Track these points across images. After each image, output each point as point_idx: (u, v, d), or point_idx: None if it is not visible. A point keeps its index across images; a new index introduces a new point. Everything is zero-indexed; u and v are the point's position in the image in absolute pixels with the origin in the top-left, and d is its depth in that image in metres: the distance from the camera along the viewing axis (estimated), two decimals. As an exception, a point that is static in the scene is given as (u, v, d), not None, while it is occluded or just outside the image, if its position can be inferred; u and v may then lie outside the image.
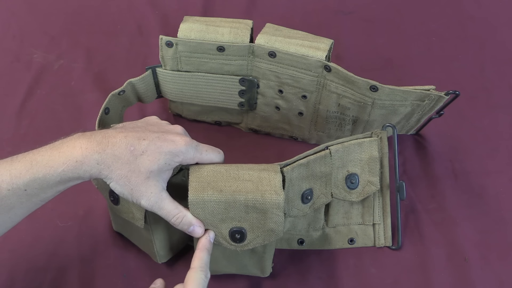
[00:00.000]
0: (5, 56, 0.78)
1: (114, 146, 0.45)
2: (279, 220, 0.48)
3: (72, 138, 0.46)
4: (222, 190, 0.48)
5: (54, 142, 0.46)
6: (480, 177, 0.67)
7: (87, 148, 0.44)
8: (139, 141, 0.46)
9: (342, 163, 0.55)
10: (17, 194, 0.44)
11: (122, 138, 0.45)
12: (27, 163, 0.44)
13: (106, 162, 0.44)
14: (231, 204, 0.48)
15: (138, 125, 0.50)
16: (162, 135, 0.47)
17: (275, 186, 0.48)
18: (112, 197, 0.52)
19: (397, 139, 0.58)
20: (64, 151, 0.44)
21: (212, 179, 0.48)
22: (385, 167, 0.58)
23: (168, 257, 0.56)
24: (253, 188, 0.48)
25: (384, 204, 0.59)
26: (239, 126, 0.71)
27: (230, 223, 0.49)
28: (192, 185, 0.48)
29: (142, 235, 0.55)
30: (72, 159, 0.44)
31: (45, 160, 0.44)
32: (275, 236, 0.49)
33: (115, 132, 0.46)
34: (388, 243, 0.60)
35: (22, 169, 0.43)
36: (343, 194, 0.56)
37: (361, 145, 0.55)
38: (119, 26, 0.83)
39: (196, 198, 0.47)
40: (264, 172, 0.49)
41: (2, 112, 0.72)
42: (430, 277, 0.58)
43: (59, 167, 0.44)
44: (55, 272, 0.57)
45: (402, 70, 0.78)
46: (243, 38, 0.60)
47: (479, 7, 0.88)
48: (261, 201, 0.48)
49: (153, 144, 0.46)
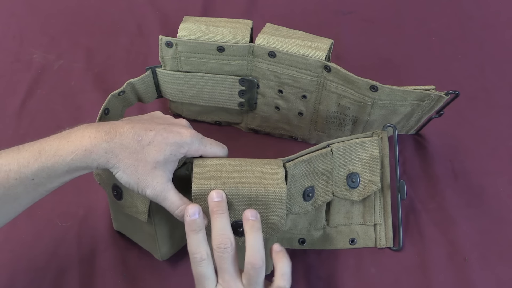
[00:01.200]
0: (5, 56, 0.78)
1: (122, 135, 0.46)
2: (282, 214, 0.49)
3: (80, 128, 0.46)
4: (225, 182, 0.48)
5: (61, 132, 0.46)
6: (480, 177, 0.67)
7: (95, 137, 0.45)
8: (146, 132, 0.47)
9: (343, 161, 0.55)
10: (24, 184, 0.44)
11: (130, 128, 0.46)
12: (35, 152, 0.44)
13: (114, 151, 0.45)
14: (234, 196, 0.48)
15: (144, 118, 0.51)
16: (168, 126, 0.48)
17: (278, 180, 0.48)
18: (116, 191, 0.52)
19: (397, 139, 0.59)
20: (73, 140, 0.44)
21: (215, 172, 0.49)
22: (386, 167, 0.58)
23: (169, 255, 0.56)
24: (256, 181, 0.48)
25: (385, 204, 0.60)
26: (239, 126, 0.71)
27: (232, 216, 0.49)
28: (196, 177, 0.48)
29: (145, 231, 0.55)
30: (81, 148, 0.44)
31: (54, 149, 0.44)
32: (277, 230, 0.50)
33: (122, 123, 0.47)
34: (389, 244, 0.60)
35: (31, 158, 0.43)
36: (344, 193, 0.56)
37: (362, 144, 0.55)
38: (119, 26, 0.83)
39: (199, 189, 0.48)
40: (267, 166, 0.49)
41: (2, 112, 0.72)
42: (430, 277, 0.58)
43: (68, 156, 0.44)
44: (55, 272, 0.57)
45: (402, 70, 0.79)
46: (243, 38, 0.60)
47: (479, 7, 0.88)
48: (264, 194, 0.48)
49: (160, 135, 0.47)
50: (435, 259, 0.59)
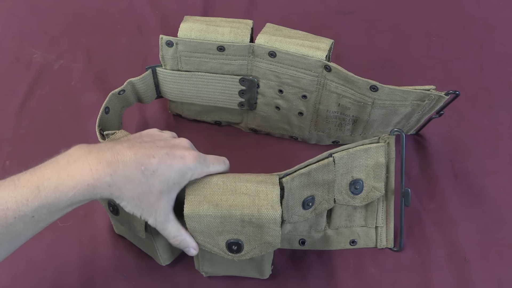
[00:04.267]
0: (5, 56, 0.78)
1: (125, 166, 0.43)
2: (276, 234, 0.48)
3: (79, 155, 0.43)
4: (218, 204, 0.47)
5: (57, 158, 0.43)
6: (480, 177, 0.67)
7: (97, 170, 0.42)
8: (149, 159, 0.44)
9: (347, 169, 0.53)
10: (24, 221, 0.41)
11: (132, 156, 0.44)
12: (33, 189, 0.41)
13: (118, 185, 0.43)
14: (227, 218, 0.47)
15: (144, 140, 0.48)
16: (171, 151, 0.46)
17: (272, 201, 0.47)
18: (111, 207, 0.52)
19: (404, 144, 0.57)
20: (74, 174, 0.42)
21: (208, 192, 0.48)
22: (391, 172, 0.57)
23: (171, 259, 0.57)
24: (249, 203, 0.47)
25: (388, 208, 0.59)
26: (239, 126, 0.71)
27: (226, 235, 0.48)
28: (188, 198, 0.47)
29: (145, 241, 0.55)
30: (83, 183, 0.42)
31: (53, 185, 0.41)
32: (272, 248, 0.49)
33: (123, 147, 0.45)
34: (390, 245, 0.60)
35: (29, 195, 0.41)
36: (346, 199, 0.55)
37: (368, 151, 0.54)
38: (119, 26, 0.83)
39: (192, 212, 0.47)
40: (262, 184, 0.48)
41: (2, 112, 0.72)
42: (430, 277, 0.58)
43: (70, 192, 0.41)
44: (55, 272, 0.57)
45: (402, 70, 0.79)
46: (243, 38, 0.60)
47: (479, 7, 0.88)
48: (257, 216, 0.47)
49: (163, 162, 0.45)
50: (435, 259, 0.59)
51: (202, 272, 0.55)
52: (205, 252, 0.51)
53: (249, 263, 0.53)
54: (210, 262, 0.53)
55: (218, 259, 0.52)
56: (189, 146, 0.49)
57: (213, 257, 0.52)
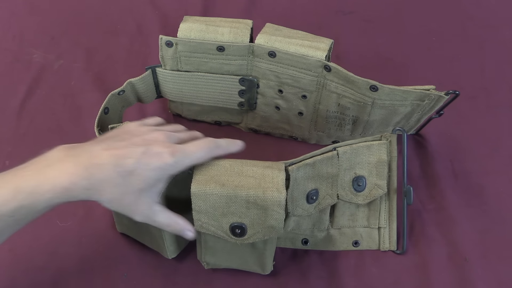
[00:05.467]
0: (5, 56, 0.78)
1: (102, 170, 0.44)
2: (280, 218, 0.48)
3: (57, 158, 0.44)
4: (224, 184, 0.48)
5: (39, 159, 0.45)
6: (480, 177, 0.67)
7: (73, 174, 0.43)
8: (125, 160, 0.44)
9: (350, 165, 0.54)
10: (4, 220, 0.43)
11: (108, 157, 0.44)
12: (11, 190, 0.42)
13: (95, 188, 0.44)
14: (232, 198, 0.48)
15: (122, 138, 0.48)
16: (148, 149, 0.46)
17: (278, 184, 0.48)
18: None
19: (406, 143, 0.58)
20: (50, 177, 0.43)
21: (215, 173, 0.49)
22: (393, 171, 0.57)
23: (177, 252, 0.57)
24: (255, 184, 0.48)
25: (390, 208, 0.59)
26: (239, 126, 0.71)
27: (231, 218, 0.49)
28: (195, 177, 0.48)
29: (151, 233, 0.55)
30: (59, 186, 0.43)
31: (31, 187, 0.42)
32: (275, 233, 0.50)
33: (100, 150, 0.45)
34: (393, 247, 0.59)
35: (7, 197, 0.42)
36: (349, 196, 0.56)
37: (370, 148, 0.55)
38: (119, 26, 0.83)
39: (198, 190, 0.48)
40: (268, 169, 0.49)
41: (2, 112, 0.72)
42: (431, 277, 0.58)
43: (46, 194, 0.43)
44: (55, 272, 0.57)
45: (402, 70, 0.78)
46: (243, 38, 0.60)
47: (479, 7, 0.88)
48: (262, 198, 0.48)
49: (140, 162, 0.45)
50: (435, 259, 0.59)
51: (203, 262, 0.55)
52: (208, 239, 0.52)
53: (251, 253, 0.53)
54: (212, 251, 0.53)
55: (220, 250, 0.53)
56: (167, 140, 0.48)
57: (215, 245, 0.52)
